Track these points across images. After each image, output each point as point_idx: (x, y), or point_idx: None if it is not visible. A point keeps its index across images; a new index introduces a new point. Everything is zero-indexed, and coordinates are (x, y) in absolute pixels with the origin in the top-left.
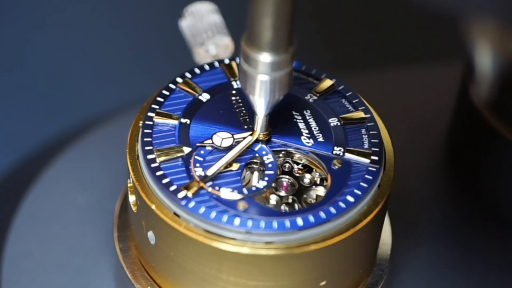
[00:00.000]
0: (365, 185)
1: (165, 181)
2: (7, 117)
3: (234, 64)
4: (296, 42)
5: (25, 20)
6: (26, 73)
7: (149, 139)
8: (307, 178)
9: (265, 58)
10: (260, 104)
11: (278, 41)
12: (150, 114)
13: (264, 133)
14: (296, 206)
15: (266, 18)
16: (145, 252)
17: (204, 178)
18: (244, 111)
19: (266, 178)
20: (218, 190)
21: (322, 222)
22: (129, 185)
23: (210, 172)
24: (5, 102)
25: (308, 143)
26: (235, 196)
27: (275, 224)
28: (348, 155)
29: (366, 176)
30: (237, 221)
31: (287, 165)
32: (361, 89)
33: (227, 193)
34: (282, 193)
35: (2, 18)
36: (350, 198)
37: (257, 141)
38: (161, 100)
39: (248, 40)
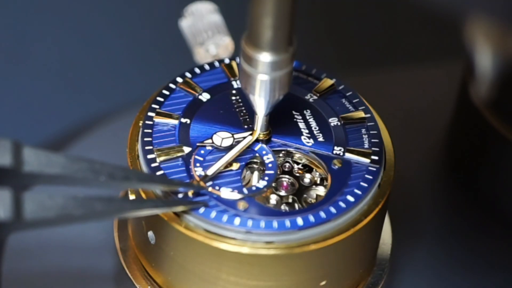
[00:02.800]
0: (365, 184)
1: None
2: (7, 117)
3: (234, 64)
4: (296, 41)
5: (25, 20)
6: (26, 73)
7: (149, 139)
8: (307, 178)
9: (265, 57)
10: (260, 103)
11: (278, 41)
12: (150, 114)
13: (264, 132)
14: (296, 205)
15: (266, 18)
16: (145, 252)
17: (204, 178)
18: (244, 111)
19: (266, 178)
20: (218, 190)
21: (322, 221)
22: None
23: (210, 171)
24: (5, 102)
25: (308, 142)
26: (235, 195)
27: (275, 224)
28: (348, 155)
29: (366, 175)
30: (237, 220)
31: (287, 164)
32: (361, 89)
33: (227, 193)
34: (282, 193)
35: (3, 18)
36: (350, 198)
37: (257, 140)
38: (161, 99)
39: (248, 39)
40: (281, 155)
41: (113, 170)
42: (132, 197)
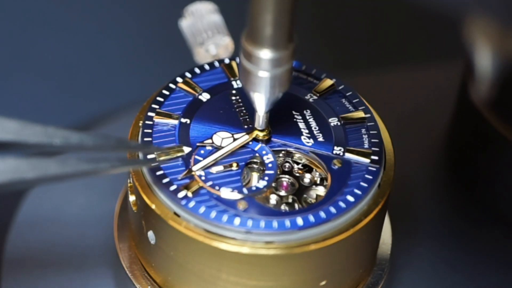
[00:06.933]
0: (365, 184)
1: (165, 180)
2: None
3: (234, 64)
4: (296, 38)
5: (25, 20)
6: (26, 74)
7: (149, 139)
8: (307, 177)
9: (265, 54)
10: (260, 100)
11: (278, 37)
12: (150, 113)
13: (264, 132)
14: (296, 205)
15: (266, 14)
16: (145, 252)
17: (189, 172)
18: (244, 111)
19: (266, 178)
20: (218, 190)
21: (322, 221)
22: (129, 185)
23: (196, 167)
24: (5, 102)
25: (308, 142)
26: (235, 195)
27: (275, 224)
28: (348, 155)
29: (366, 175)
30: (237, 220)
31: (287, 164)
32: (361, 89)
33: (227, 193)
34: (282, 193)
35: (4, 19)
36: (350, 198)
37: (257, 141)
38: (161, 99)
39: (248, 36)
40: (281, 155)
41: (68, 134)
42: (132, 197)
